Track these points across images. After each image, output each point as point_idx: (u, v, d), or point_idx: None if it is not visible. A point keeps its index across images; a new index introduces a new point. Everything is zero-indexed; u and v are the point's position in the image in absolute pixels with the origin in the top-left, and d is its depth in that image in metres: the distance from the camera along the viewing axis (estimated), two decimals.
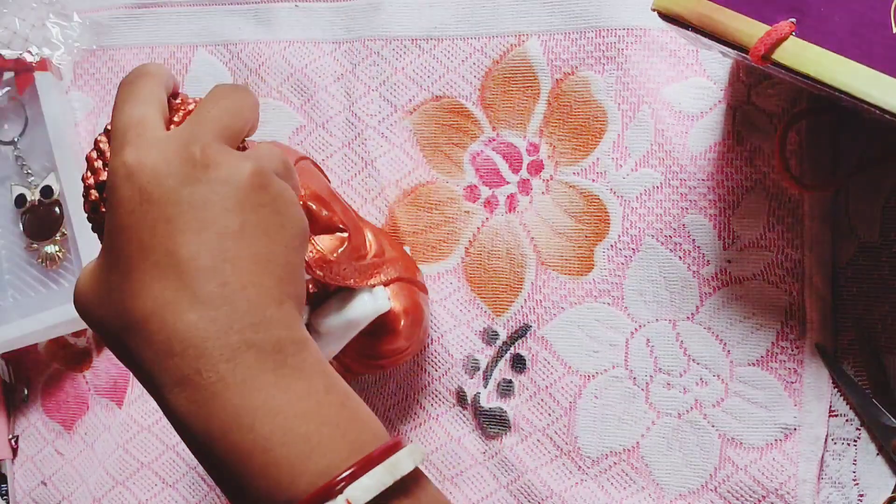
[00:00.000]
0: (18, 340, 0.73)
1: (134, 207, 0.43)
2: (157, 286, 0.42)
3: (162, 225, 0.42)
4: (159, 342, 0.42)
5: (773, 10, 0.46)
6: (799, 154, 0.58)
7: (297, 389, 0.42)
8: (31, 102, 0.75)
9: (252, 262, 0.43)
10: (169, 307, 0.42)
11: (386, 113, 0.68)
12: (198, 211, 0.42)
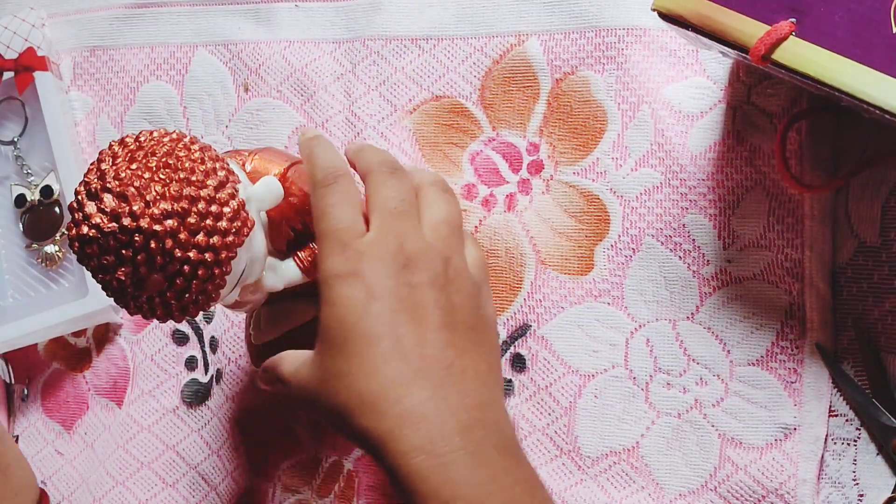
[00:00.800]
0: (18, 340, 0.73)
1: (359, 304, 0.48)
2: (387, 369, 0.47)
3: (387, 316, 0.48)
4: (394, 416, 0.46)
5: (773, 10, 0.46)
6: (799, 154, 0.58)
7: (515, 472, 0.48)
8: (30, 102, 0.75)
9: (468, 348, 0.50)
10: (402, 387, 0.47)
11: (386, 112, 0.68)
12: (416, 307, 0.49)
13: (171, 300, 0.48)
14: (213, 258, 0.47)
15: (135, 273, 0.46)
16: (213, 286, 0.48)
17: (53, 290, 0.75)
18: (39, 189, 0.74)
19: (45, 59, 0.74)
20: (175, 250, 0.46)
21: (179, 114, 0.73)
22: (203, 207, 0.47)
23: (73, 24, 0.77)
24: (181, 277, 0.47)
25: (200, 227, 0.47)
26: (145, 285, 0.47)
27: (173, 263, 0.46)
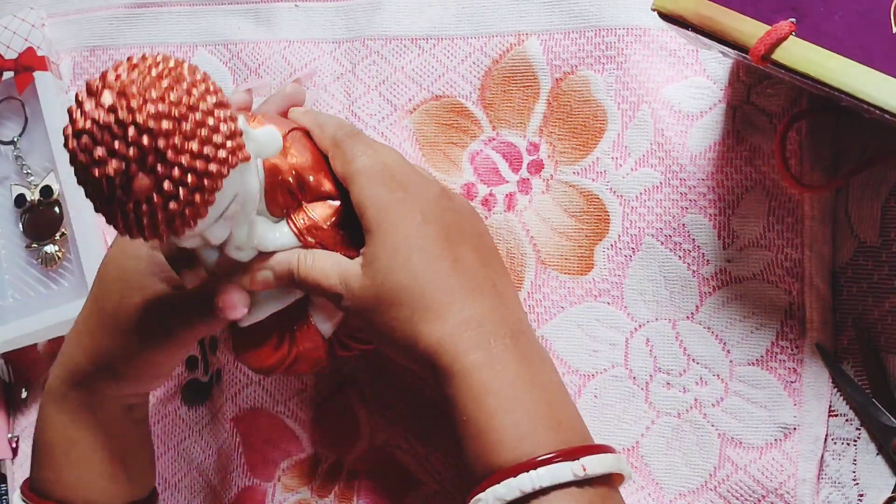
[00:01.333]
0: (18, 340, 0.73)
1: (417, 226, 0.55)
2: (451, 282, 0.54)
3: (444, 238, 0.55)
4: (458, 322, 0.53)
5: (773, 10, 0.46)
6: (799, 154, 0.58)
7: (550, 372, 0.55)
8: (30, 102, 0.75)
9: (500, 271, 0.58)
10: (464, 299, 0.54)
11: (386, 112, 0.68)
12: (460, 232, 0.57)
13: (157, 208, 0.47)
14: (204, 168, 0.47)
15: (125, 172, 0.46)
16: (202, 199, 0.47)
17: (53, 290, 0.75)
18: (39, 189, 0.74)
19: (45, 59, 0.74)
20: (167, 151, 0.46)
21: None
22: (200, 118, 0.47)
23: (73, 24, 0.77)
24: (170, 181, 0.46)
25: (195, 135, 0.47)
26: (133, 186, 0.46)
27: (165, 165, 0.46)
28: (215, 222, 0.50)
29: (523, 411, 0.51)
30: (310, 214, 0.56)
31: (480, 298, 0.54)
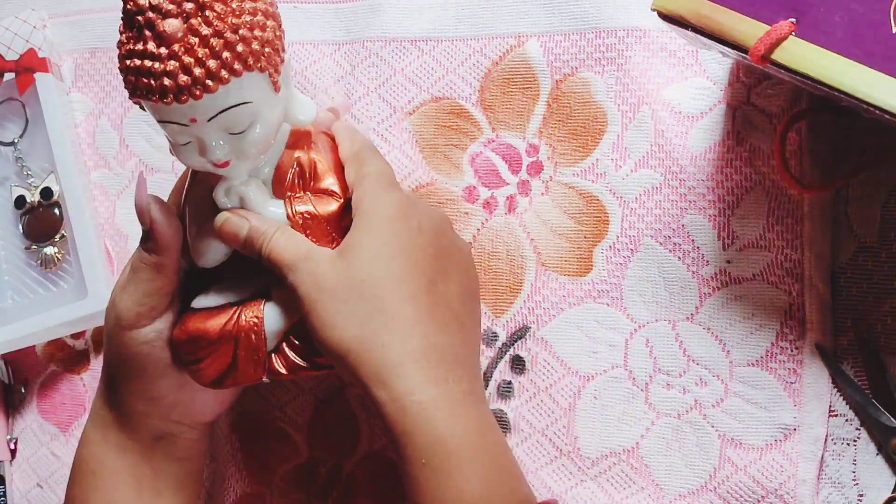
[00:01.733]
0: (17, 342, 0.73)
1: (413, 237, 0.54)
2: (425, 299, 0.53)
3: (432, 255, 0.56)
4: (425, 346, 0.51)
5: (773, 10, 0.46)
6: (799, 154, 0.58)
7: (485, 426, 0.52)
8: (31, 103, 0.75)
9: (475, 314, 0.60)
10: (436, 323, 0.53)
11: (385, 114, 0.68)
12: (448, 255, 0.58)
13: (176, 56, 0.49)
14: (234, 41, 0.49)
15: (162, 10, 0.49)
16: (217, 66, 0.49)
17: (52, 292, 0.75)
18: (39, 191, 0.74)
19: (46, 61, 0.74)
20: (207, 10, 0.49)
21: None
22: (251, 7, 0.51)
23: (74, 26, 0.77)
24: (198, 36, 0.49)
25: (239, 15, 0.50)
26: (165, 24, 0.49)
27: (200, 18, 0.49)
28: (217, 122, 0.51)
29: (483, 472, 0.50)
30: (310, 202, 0.56)
31: (447, 332, 0.53)
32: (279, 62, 0.53)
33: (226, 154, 0.53)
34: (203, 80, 0.49)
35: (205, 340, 0.57)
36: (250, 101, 0.52)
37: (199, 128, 0.51)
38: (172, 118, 0.51)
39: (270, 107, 0.53)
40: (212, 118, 0.51)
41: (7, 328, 0.73)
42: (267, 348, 0.56)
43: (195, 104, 0.50)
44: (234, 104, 0.51)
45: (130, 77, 0.50)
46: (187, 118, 0.51)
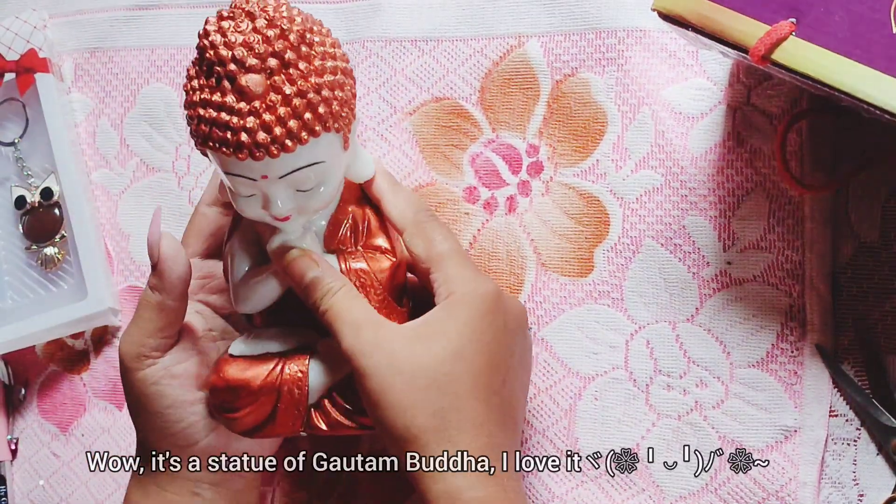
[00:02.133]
0: (17, 342, 0.73)
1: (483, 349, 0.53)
2: (495, 400, 0.53)
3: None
4: (486, 445, 0.51)
5: (773, 10, 0.46)
6: (799, 155, 0.58)
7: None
8: (31, 104, 0.75)
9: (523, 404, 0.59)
10: (498, 424, 0.53)
11: (386, 114, 0.68)
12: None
13: (255, 113, 0.48)
14: (317, 102, 0.49)
15: (247, 65, 0.48)
16: (298, 126, 0.48)
17: (52, 293, 0.75)
18: (40, 191, 0.74)
19: (47, 61, 0.74)
20: (292, 68, 0.48)
21: (179, 116, 0.73)
22: (332, 66, 0.50)
23: (74, 26, 0.77)
24: (279, 93, 0.48)
25: (321, 74, 0.49)
26: (248, 78, 0.48)
27: (283, 76, 0.48)
28: (288, 180, 0.50)
29: None
30: (364, 260, 0.55)
31: (507, 431, 0.53)
32: (353, 120, 0.52)
33: (289, 210, 0.52)
34: (283, 140, 0.48)
35: (245, 391, 0.55)
36: (323, 160, 0.51)
37: (268, 184, 0.50)
38: (243, 172, 0.50)
39: (339, 165, 0.53)
40: (283, 176, 0.50)
41: (7, 328, 0.73)
42: (308, 402, 0.55)
43: (270, 162, 0.49)
44: (308, 164, 0.50)
45: (203, 127, 0.49)
46: (259, 174, 0.50)
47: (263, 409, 0.55)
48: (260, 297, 0.56)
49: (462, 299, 0.53)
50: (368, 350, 0.51)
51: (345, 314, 0.52)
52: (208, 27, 0.49)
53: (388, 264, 0.55)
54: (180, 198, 0.73)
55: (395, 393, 0.50)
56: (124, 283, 0.74)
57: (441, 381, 0.51)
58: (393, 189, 0.57)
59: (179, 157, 0.73)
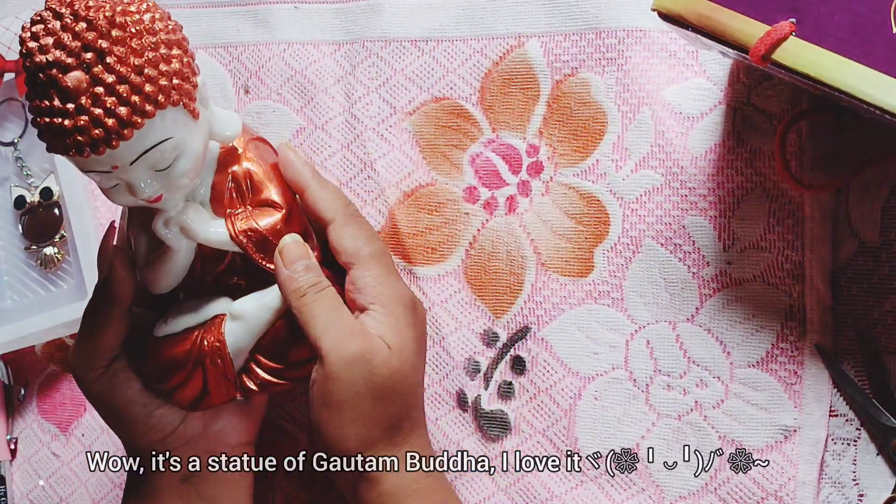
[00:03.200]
0: (16, 342, 0.73)
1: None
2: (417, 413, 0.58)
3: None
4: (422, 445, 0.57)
5: (773, 10, 0.46)
6: (799, 155, 0.58)
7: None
8: None
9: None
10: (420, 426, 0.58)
11: (386, 114, 0.68)
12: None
13: (85, 110, 0.47)
14: (140, 84, 0.48)
15: (64, 65, 0.47)
16: (128, 114, 0.48)
17: (52, 292, 0.75)
18: (39, 191, 0.74)
19: None
20: (109, 56, 0.47)
21: None
22: (154, 42, 0.49)
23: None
24: (102, 86, 0.47)
25: (142, 53, 0.48)
26: (67, 78, 0.47)
27: (103, 67, 0.47)
28: (141, 164, 0.50)
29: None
30: (251, 218, 0.56)
31: (425, 426, 0.58)
32: (192, 89, 0.51)
33: (155, 190, 0.52)
34: (117, 129, 0.48)
35: (173, 369, 0.57)
36: (171, 136, 0.50)
37: (123, 172, 0.50)
38: (94, 167, 0.50)
39: (192, 135, 0.52)
40: (134, 161, 0.50)
41: (7, 328, 0.73)
42: (235, 368, 0.57)
43: (113, 153, 0.48)
44: (154, 143, 0.50)
45: (46, 136, 0.49)
46: (108, 166, 0.50)
47: (196, 383, 0.57)
48: (165, 275, 0.57)
49: (396, 309, 0.55)
50: (348, 359, 0.53)
51: (310, 315, 0.54)
52: (22, 35, 0.49)
53: (279, 216, 0.56)
54: None
55: (361, 405, 0.53)
56: None
57: (402, 392, 0.54)
58: (320, 180, 0.58)
59: None
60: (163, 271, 0.57)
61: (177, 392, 0.57)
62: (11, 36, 0.75)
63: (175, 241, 0.55)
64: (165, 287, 0.58)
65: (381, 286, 0.56)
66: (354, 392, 0.53)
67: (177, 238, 0.55)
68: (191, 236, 0.55)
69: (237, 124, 0.55)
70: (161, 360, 0.57)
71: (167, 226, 0.55)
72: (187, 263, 0.57)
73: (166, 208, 0.54)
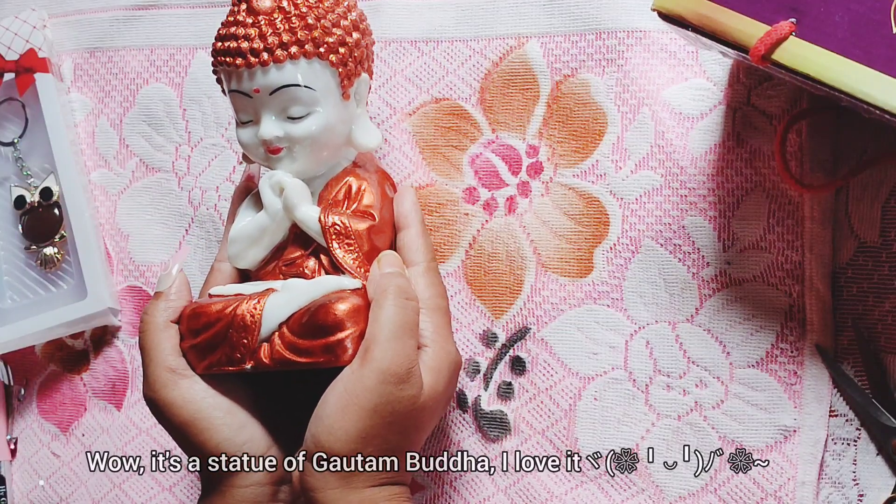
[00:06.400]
0: (17, 342, 0.73)
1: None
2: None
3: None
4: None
5: (773, 10, 0.46)
6: (799, 155, 0.58)
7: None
8: (31, 103, 0.75)
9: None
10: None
11: (385, 115, 0.68)
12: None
13: (268, 24, 0.55)
14: (315, 24, 0.55)
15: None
16: (294, 40, 0.55)
17: (52, 293, 0.75)
18: (39, 191, 0.74)
19: (46, 61, 0.74)
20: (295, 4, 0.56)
21: (179, 116, 0.73)
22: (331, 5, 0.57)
23: (73, 26, 0.77)
24: (283, 13, 0.55)
25: (319, 7, 0.56)
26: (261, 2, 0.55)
27: (289, 5, 0.55)
28: (277, 100, 0.55)
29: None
30: (345, 216, 0.57)
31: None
32: (354, 73, 0.57)
33: (278, 137, 0.56)
34: (273, 48, 0.54)
35: (204, 315, 0.56)
36: (313, 87, 0.55)
37: (260, 101, 0.55)
38: (240, 87, 0.56)
39: (333, 108, 0.57)
40: (273, 92, 0.55)
41: (7, 328, 0.73)
42: (260, 335, 0.55)
43: (261, 72, 0.55)
44: (297, 83, 0.55)
45: (217, 43, 0.56)
46: (251, 88, 0.55)
47: (218, 336, 0.56)
48: (251, 244, 0.59)
49: (443, 360, 0.56)
50: (388, 376, 0.53)
51: (389, 324, 0.54)
52: None
53: (366, 225, 0.57)
54: (180, 198, 0.73)
55: (373, 418, 0.53)
56: (124, 283, 0.74)
57: (409, 427, 0.54)
58: (423, 226, 0.60)
59: (179, 158, 0.73)
60: (250, 241, 0.59)
61: (197, 339, 0.56)
62: (11, 36, 0.75)
63: (271, 201, 0.58)
64: (249, 260, 0.59)
65: (438, 336, 0.56)
66: (374, 407, 0.52)
67: (273, 200, 0.57)
68: (286, 202, 0.57)
69: (377, 139, 0.59)
70: (196, 308, 0.57)
71: (270, 180, 0.57)
72: (273, 242, 0.59)
73: (280, 168, 0.57)
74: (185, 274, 0.59)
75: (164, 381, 0.56)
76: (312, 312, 0.54)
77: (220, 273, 0.61)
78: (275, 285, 0.57)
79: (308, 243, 0.58)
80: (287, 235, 0.59)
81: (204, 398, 0.56)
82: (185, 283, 0.59)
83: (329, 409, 0.53)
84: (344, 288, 0.55)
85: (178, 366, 0.56)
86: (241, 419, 0.57)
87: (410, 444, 0.55)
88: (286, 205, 0.57)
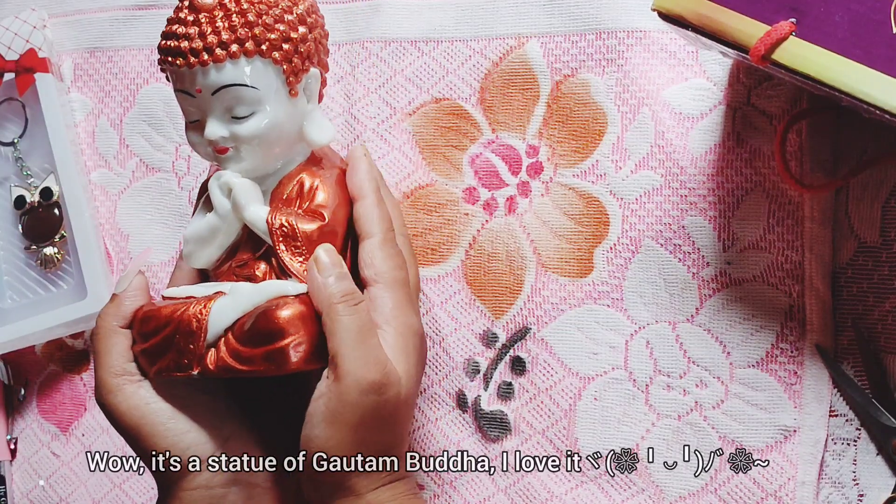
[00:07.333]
0: (16, 342, 0.73)
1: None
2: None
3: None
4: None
5: (773, 10, 0.46)
6: (799, 155, 0.58)
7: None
8: (31, 103, 0.75)
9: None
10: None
11: (385, 115, 0.68)
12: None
13: (208, 22, 0.53)
14: (255, 21, 0.53)
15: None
16: (233, 38, 0.53)
17: (52, 292, 0.75)
18: (39, 191, 0.74)
19: (46, 61, 0.74)
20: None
21: (179, 116, 0.73)
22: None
23: (73, 26, 0.77)
24: (224, 11, 0.53)
25: (263, 6, 0.54)
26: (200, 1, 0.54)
27: (230, 3, 0.54)
28: (220, 100, 0.54)
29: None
30: (294, 216, 0.55)
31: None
32: (301, 70, 0.55)
33: (224, 138, 0.55)
34: (213, 48, 0.52)
35: (153, 321, 0.55)
36: (256, 86, 0.54)
37: (204, 101, 0.54)
38: (183, 86, 0.54)
39: (279, 106, 0.55)
40: (215, 92, 0.53)
41: (7, 328, 0.73)
42: (206, 340, 0.54)
43: (202, 72, 0.53)
44: (239, 83, 0.53)
45: (160, 41, 0.55)
46: (194, 88, 0.54)
47: (166, 340, 0.55)
48: (203, 245, 0.57)
49: (408, 337, 0.55)
50: (365, 387, 0.52)
51: (348, 335, 0.53)
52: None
53: (315, 226, 0.55)
54: (180, 198, 0.73)
55: (364, 431, 0.53)
56: None
57: (399, 420, 0.54)
58: (378, 195, 0.57)
59: (179, 157, 0.73)
60: (202, 241, 0.57)
61: (146, 344, 0.56)
62: (11, 36, 0.75)
63: (220, 202, 0.56)
64: (203, 260, 0.58)
65: (399, 311, 0.55)
66: (361, 418, 0.52)
67: (222, 201, 0.56)
68: (235, 202, 0.56)
69: (329, 134, 0.58)
70: (147, 312, 0.56)
71: (218, 180, 0.56)
72: (226, 242, 0.57)
73: (229, 167, 0.56)
74: (144, 276, 0.58)
75: (110, 386, 0.56)
76: (255, 319, 0.53)
77: (180, 271, 0.60)
78: (224, 288, 0.56)
79: (260, 244, 0.57)
80: (240, 235, 0.57)
81: (147, 404, 0.56)
82: (141, 286, 0.58)
83: (317, 430, 0.53)
84: (287, 294, 0.54)
85: (127, 370, 0.56)
86: (184, 425, 0.56)
87: (404, 433, 0.56)
88: (234, 205, 0.56)
